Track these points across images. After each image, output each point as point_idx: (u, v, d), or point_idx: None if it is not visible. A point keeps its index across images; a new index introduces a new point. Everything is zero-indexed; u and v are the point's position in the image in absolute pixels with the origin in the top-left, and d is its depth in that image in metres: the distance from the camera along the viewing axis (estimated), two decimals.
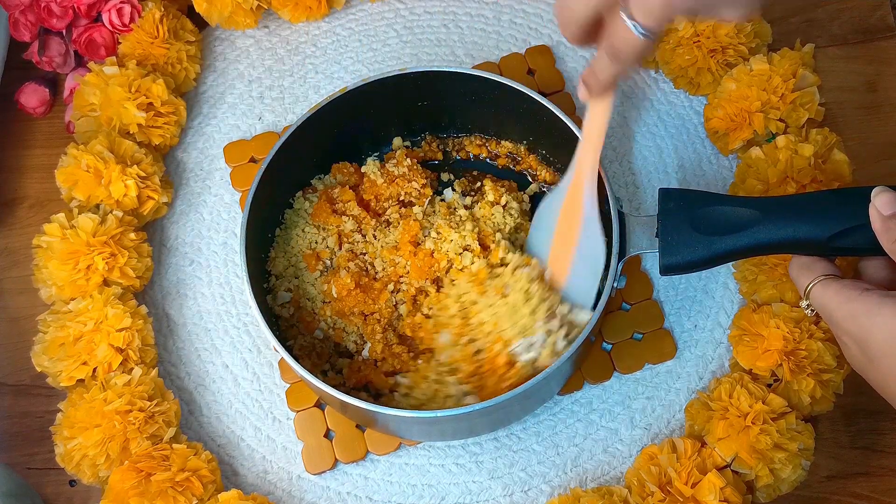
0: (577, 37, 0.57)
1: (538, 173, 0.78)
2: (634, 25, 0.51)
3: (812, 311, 0.62)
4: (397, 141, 0.79)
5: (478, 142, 0.79)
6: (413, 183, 0.74)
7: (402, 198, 0.74)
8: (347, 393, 0.63)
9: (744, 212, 0.61)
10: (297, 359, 0.65)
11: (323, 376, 0.69)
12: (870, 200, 0.56)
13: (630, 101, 0.83)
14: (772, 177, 0.73)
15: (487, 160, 0.79)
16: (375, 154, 0.79)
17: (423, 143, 0.79)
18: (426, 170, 0.76)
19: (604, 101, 0.61)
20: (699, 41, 0.78)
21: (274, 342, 0.64)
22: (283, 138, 0.71)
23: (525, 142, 0.78)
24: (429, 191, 0.74)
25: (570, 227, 0.67)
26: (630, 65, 0.56)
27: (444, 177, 0.78)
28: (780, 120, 0.76)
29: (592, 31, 0.56)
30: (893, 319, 0.53)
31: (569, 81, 0.84)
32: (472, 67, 0.75)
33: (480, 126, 0.79)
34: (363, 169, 0.76)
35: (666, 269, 0.63)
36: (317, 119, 0.72)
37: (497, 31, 0.87)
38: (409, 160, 0.75)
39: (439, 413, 0.62)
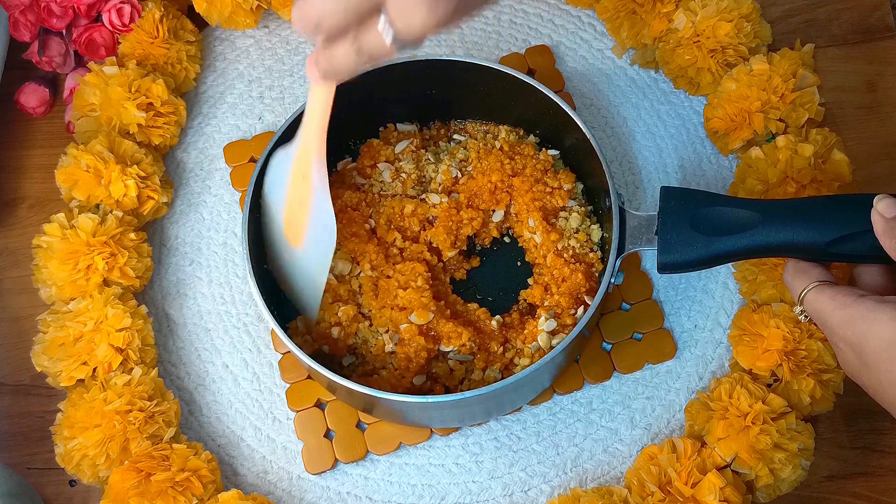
0: (316, 35, 0.52)
1: None
2: (391, 35, 0.48)
3: (806, 316, 0.62)
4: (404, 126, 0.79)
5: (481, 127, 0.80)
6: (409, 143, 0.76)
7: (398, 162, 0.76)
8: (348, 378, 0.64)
9: (744, 213, 0.61)
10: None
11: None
12: (870, 207, 0.57)
13: (630, 101, 0.83)
14: (772, 177, 0.73)
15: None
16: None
17: (431, 129, 0.80)
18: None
19: (327, 85, 0.59)
20: (699, 41, 0.78)
21: (281, 334, 0.65)
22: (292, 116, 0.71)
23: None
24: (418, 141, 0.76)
25: (301, 195, 0.66)
26: (374, 63, 0.54)
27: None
28: (780, 120, 0.76)
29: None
30: (889, 325, 0.53)
31: (568, 81, 0.84)
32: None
33: (484, 114, 0.79)
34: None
35: (663, 267, 0.63)
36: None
37: (497, 31, 0.87)
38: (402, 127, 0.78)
39: (432, 399, 0.62)
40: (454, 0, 0.45)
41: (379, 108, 0.77)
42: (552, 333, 0.68)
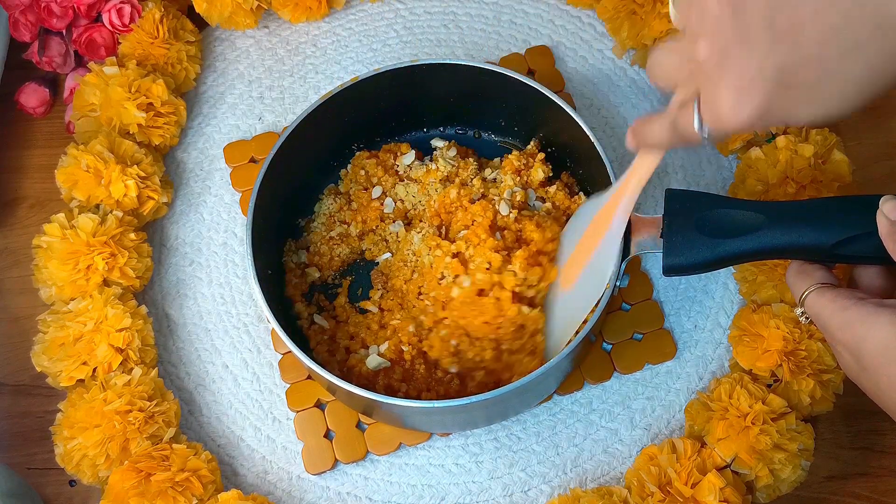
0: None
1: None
2: (701, 124, 0.49)
3: (807, 318, 0.62)
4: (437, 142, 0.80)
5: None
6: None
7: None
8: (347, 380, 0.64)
9: (749, 215, 0.61)
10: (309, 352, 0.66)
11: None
12: (876, 208, 0.56)
13: (630, 102, 0.83)
14: (772, 177, 0.73)
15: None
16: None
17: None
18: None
19: (653, 154, 0.60)
20: None
21: (282, 335, 0.65)
22: (300, 118, 0.72)
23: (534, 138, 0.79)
24: (406, 147, 0.78)
25: (592, 241, 0.66)
26: (684, 146, 0.55)
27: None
28: None
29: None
30: (888, 328, 0.53)
31: (568, 82, 0.84)
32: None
33: (483, 117, 0.79)
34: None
35: (669, 270, 0.63)
36: (331, 105, 0.73)
37: (497, 31, 0.87)
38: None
39: (437, 404, 0.62)
40: (760, 106, 0.46)
41: (380, 114, 0.77)
42: None
